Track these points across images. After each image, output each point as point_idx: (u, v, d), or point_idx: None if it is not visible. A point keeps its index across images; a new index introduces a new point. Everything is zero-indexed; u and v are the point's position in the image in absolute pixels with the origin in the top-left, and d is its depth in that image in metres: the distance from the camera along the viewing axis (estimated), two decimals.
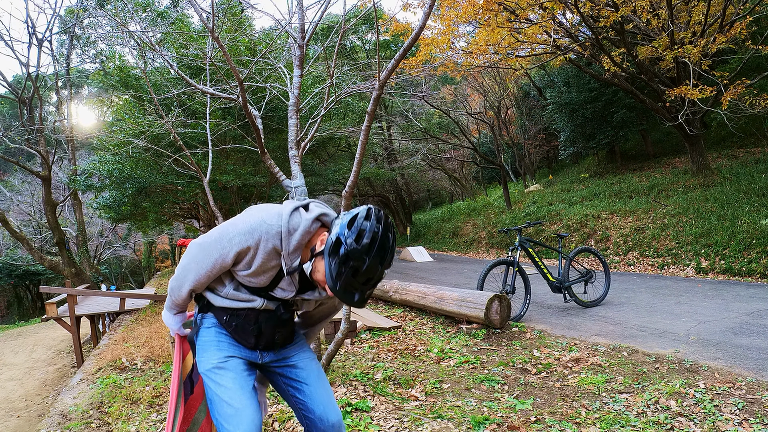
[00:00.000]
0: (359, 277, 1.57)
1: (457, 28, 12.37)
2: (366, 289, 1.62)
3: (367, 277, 1.58)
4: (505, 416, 3.43)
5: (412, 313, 7.10)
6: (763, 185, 9.45)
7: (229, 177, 9.39)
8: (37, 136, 15.93)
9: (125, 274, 33.07)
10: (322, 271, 1.66)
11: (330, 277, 1.57)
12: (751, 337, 4.52)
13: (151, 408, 4.31)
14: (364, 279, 1.58)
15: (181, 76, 4.67)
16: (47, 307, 9.81)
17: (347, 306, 4.25)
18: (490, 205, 19.51)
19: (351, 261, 1.54)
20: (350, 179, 3.68)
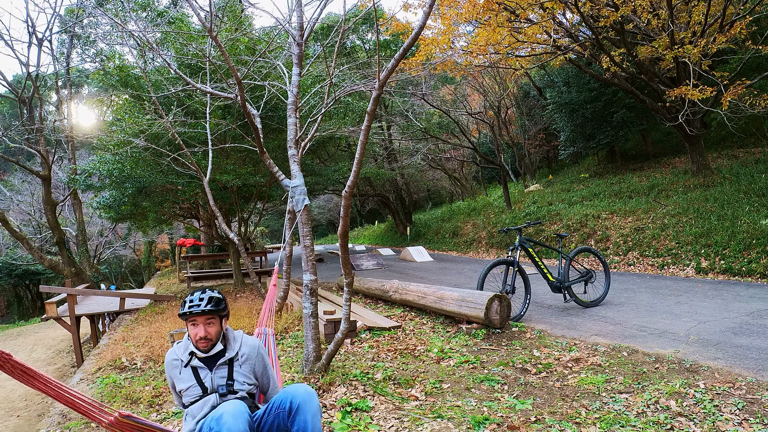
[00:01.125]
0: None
1: (457, 27, 12.38)
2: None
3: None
4: (505, 416, 3.42)
5: (412, 313, 7.10)
6: (763, 185, 9.44)
7: (228, 177, 9.37)
8: (37, 136, 15.92)
9: (125, 274, 33.06)
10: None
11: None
12: (751, 337, 4.52)
13: (151, 408, 4.30)
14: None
15: (180, 76, 4.66)
16: (47, 307, 9.81)
17: (346, 305, 4.25)
18: (490, 205, 19.51)
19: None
20: (350, 179, 3.68)
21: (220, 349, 2.50)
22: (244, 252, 7.63)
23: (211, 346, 2.48)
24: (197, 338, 2.45)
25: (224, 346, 2.53)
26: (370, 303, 8.32)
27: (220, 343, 2.51)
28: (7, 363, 1.65)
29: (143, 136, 8.11)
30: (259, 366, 2.61)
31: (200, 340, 2.45)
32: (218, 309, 2.48)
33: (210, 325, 2.47)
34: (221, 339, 2.53)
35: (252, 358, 2.57)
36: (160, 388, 4.77)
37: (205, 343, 2.46)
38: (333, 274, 13.18)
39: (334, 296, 8.65)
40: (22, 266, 24.57)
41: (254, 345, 2.62)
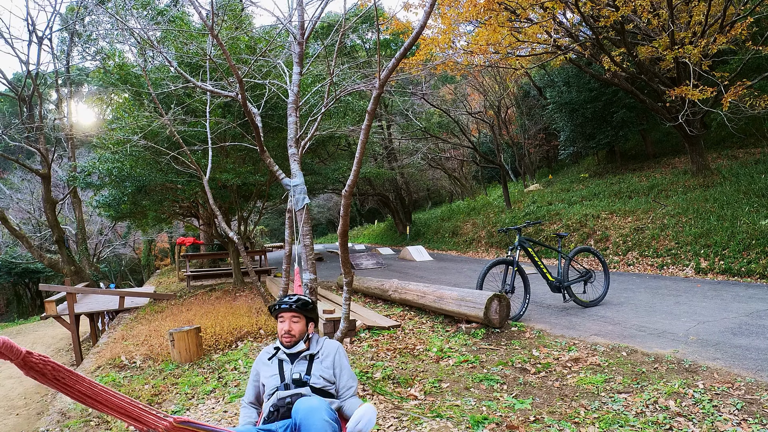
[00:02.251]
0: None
1: (457, 27, 12.36)
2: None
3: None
4: (504, 415, 3.43)
5: (412, 313, 7.10)
6: (762, 186, 9.45)
7: (228, 175, 9.36)
8: (37, 134, 15.91)
9: (124, 273, 33.04)
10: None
11: None
12: (750, 338, 4.52)
13: (151, 406, 4.30)
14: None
15: (180, 74, 4.66)
16: (47, 305, 9.82)
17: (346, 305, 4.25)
18: (490, 205, 19.51)
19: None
20: (350, 178, 3.68)
21: (303, 347, 2.69)
22: (243, 251, 7.63)
23: (294, 343, 2.67)
24: (282, 332, 2.67)
25: (307, 347, 2.72)
26: (369, 302, 8.32)
27: (303, 343, 2.71)
28: (47, 366, 1.37)
29: (143, 135, 8.11)
30: (338, 364, 2.71)
31: (285, 334, 2.66)
32: (304, 309, 2.71)
33: (295, 322, 2.69)
34: (305, 340, 2.73)
35: (331, 355, 2.71)
36: (160, 386, 4.78)
37: (288, 337, 2.66)
38: (332, 273, 13.19)
39: (333, 295, 8.65)
40: (21, 264, 24.57)
41: (335, 345, 2.79)
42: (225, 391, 4.48)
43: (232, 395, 4.31)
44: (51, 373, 1.39)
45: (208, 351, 6.01)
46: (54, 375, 1.40)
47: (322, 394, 2.51)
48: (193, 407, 4.17)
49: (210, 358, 5.71)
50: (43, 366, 1.37)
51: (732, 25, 9.27)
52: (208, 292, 11.20)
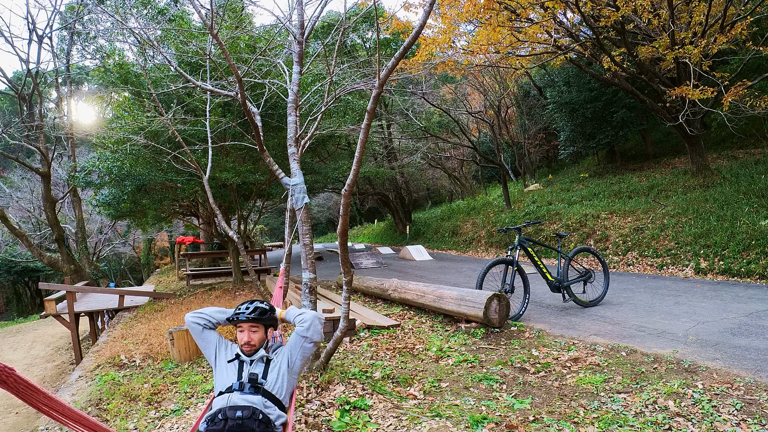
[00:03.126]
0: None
1: (457, 27, 12.35)
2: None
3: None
4: (504, 415, 3.43)
5: (411, 312, 7.10)
6: (762, 186, 9.45)
7: (228, 175, 9.36)
8: (37, 133, 15.90)
9: (124, 271, 33.03)
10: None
11: None
12: (750, 338, 4.52)
13: (150, 405, 4.30)
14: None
15: (180, 73, 4.66)
16: (46, 304, 9.81)
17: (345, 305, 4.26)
18: (490, 205, 19.50)
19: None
20: (350, 178, 3.68)
21: (263, 353, 2.77)
22: (243, 250, 7.62)
23: (254, 351, 2.76)
24: (242, 342, 2.77)
25: (267, 352, 2.82)
26: (369, 302, 8.33)
27: (263, 349, 2.80)
28: (10, 378, 1.53)
29: (143, 134, 8.11)
30: (286, 346, 2.85)
31: (245, 344, 2.75)
32: (262, 318, 2.78)
33: (254, 332, 2.78)
34: (264, 347, 2.83)
35: (284, 347, 2.86)
36: (159, 385, 4.78)
37: (248, 347, 2.75)
38: (332, 273, 13.19)
39: (333, 295, 8.65)
40: (21, 263, 24.56)
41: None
42: None
43: None
44: (13, 384, 1.54)
45: None
46: (15, 386, 1.54)
47: (273, 400, 2.59)
48: (193, 406, 4.18)
49: None
50: (6, 377, 1.52)
51: (732, 25, 9.27)
52: (208, 291, 11.20)
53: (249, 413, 2.43)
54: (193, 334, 2.90)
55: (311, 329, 2.83)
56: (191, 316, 2.89)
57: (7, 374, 1.51)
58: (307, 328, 2.83)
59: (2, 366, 1.49)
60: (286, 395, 2.71)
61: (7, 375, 1.51)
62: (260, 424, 2.44)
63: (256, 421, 2.44)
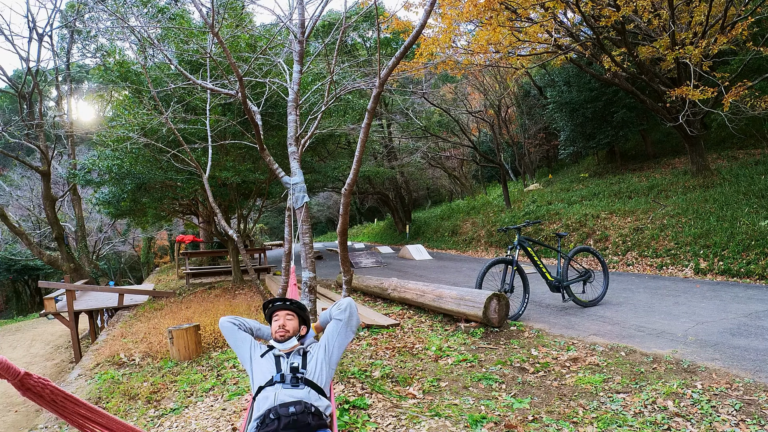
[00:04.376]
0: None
1: (458, 27, 12.35)
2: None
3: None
4: (503, 415, 3.43)
5: (411, 311, 7.10)
6: (762, 187, 9.45)
7: (228, 173, 9.36)
8: (37, 131, 15.89)
9: (124, 270, 33.03)
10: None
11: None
12: (749, 339, 4.53)
13: (149, 404, 4.31)
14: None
15: (181, 72, 4.66)
16: (46, 302, 9.82)
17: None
18: (490, 204, 19.50)
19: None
20: (350, 177, 3.68)
21: (296, 344, 2.76)
22: (243, 249, 7.63)
23: (287, 338, 2.75)
24: (276, 327, 2.76)
25: (300, 344, 2.80)
26: (368, 301, 8.33)
27: (296, 340, 2.78)
28: (46, 389, 1.34)
29: (143, 132, 8.11)
30: (323, 339, 2.80)
31: (279, 329, 2.75)
32: (298, 308, 2.83)
33: (289, 320, 2.80)
34: (298, 338, 2.81)
35: (319, 343, 2.81)
36: (158, 384, 4.78)
37: (282, 332, 2.74)
38: (332, 272, 13.19)
39: (332, 294, 8.66)
40: (21, 262, 24.55)
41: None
42: (224, 389, 4.48)
43: (231, 393, 4.31)
44: (49, 396, 1.36)
45: (207, 349, 6.02)
46: (52, 398, 1.37)
47: (316, 389, 2.54)
48: (192, 405, 4.18)
49: (209, 356, 5.71)
50: (41, 389, 1.35)
51: (733, 25, 9.26)
52: (208, 290, 11.21)
53: (302, 408, 2.39)
54: (228, 334, 2.85)
55: (348, 311, 2.79)
56: (226, 318, 2.88)
57: (42, 386, 1.34)
58: (344, 309, 2.79)
59: (37, 378, 1.32)
60: (326, 384, 2.66)
61: (42, 387, 1.34)
62: (314, 417, 2.41)
63: (310, 415, 2.40)
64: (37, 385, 1.33)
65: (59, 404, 1.38)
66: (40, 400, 1.35)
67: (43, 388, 1.34)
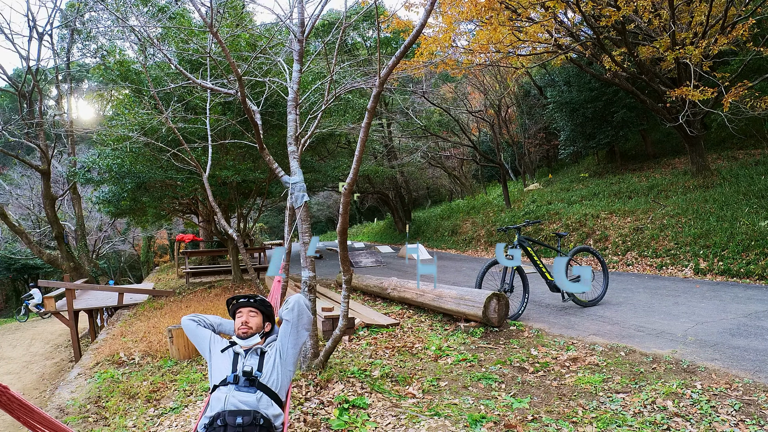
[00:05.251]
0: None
1: (458, 26, 12.34)
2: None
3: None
4: (502, 414, 3.43)
5: (410, 311, 7.11)
6: (762, 187, 9.45)
7: (228, 172, 9.36)
8: (37, 130, 15.88)
9: (124, 269, 33.03)
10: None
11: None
12: (749, 339, 4.53)
13: (149, 403, 4.31)
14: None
15: (180, 71, 4.66)
16: (46, 301, 9.81)
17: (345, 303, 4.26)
18: (490, 204, 19.50)
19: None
20: (350, 176, 3.67)
21: (258, 341, 2.76)
22: (242, 248, 7.62)
23: (250, 334, 2.74)
24: (239, 324, 2.76)
25: (262, 342, 2.79)
26: (368, 300, 8.33)
27: (259, 337, 2.78)
28: (3, 396, 1.45)
29: (143, 131, 8.10)
30: (278, 338, 2.77)
31: (241, 325, 2.74)
32: (261, 305, 2.82)
33: (252, 316, 2.79)
34: (261, 336, 2.80)
35: (276, 341, 2.79)
36: (158, 383, 4.78)
37: (245, 328, 2.74)
38: (331, 271, 13.19)
39: (332, 293, 8.66)
40: (20, 260, 24.55)
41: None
42: None
43: None
44: (6, 402, 1.47)
45: None
46: (7, 403, 1.48)
47: (269, 394, 2.53)
48: (192, 404, 4.18)
49: None
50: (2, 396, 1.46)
51: (733, 26, 9.26)
52: (207, 289, 11.21)
53: (250, 419, 2.35)
54: (188, 333, 2.85)
55: (296, 310, 2.70)
56: (187, 316, 2.89)
57: (1, 392, 1.44)
58: (291, 308, 2.71)
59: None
60: (282, 389, 2.61)
61: (0, 393, 1.44)
62: (261, 429, 2.37)
63: (257, 427, 2.35)
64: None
65: (14, 411, 1.51)
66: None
67: (1, 395, 1.47)
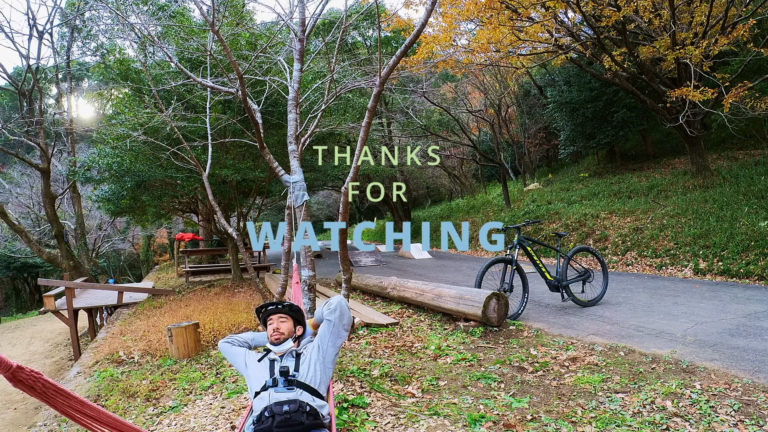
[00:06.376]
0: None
1: (458, 25, 12.34)
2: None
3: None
4: (502, 414, 3.43)
5: (410, 310, 7.11)
6: (762, 187, 9.45)
7: (228, 171, 9.36)
8: (37, 129, 15.87)
9: (123, 268, 33.02)
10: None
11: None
12: (748, 339, 4.53)
13: (148, 402, 4.31)
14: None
15: (181, 70, 4.66)
16: (45, 300, 9.81)
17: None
18: (489, 203, 19.51)
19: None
20: (350, 175, 3.67)
21: (291, 345, 2.80)
22: (242, 247, 7.62)
23: (282, 340, 2.79)
24: (271, 331, 2.81)
25: (296, 346, 2.83)
26: (368, 299, 8.33)
27: (292, 341, 2.83)
28: (38, 382, 1.39)
29: (142, 130, 8.10)
30: (317, 339, 2.81)
31: (273, 332, 2.80)
32: (290, 310, 2.88)
33: (283, 322, 2.84)
34: (294, 340, 2.85)
35: (312, 342, 2.83)
36: (157, 382, 4.78)
37: (277, 335, 2.79)
38: (331, 270, 13.19)
39: (332, 292, 8.66)
40: (20, 259, 24.54)
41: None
42: (223, 387, 4.49)
43: (230, 391, 4.32)
44: (41, 389, 1.43)
45: (206, 347, 6.02)
46: (44, 390, 1.43)
47: (309, 390, 2.55)
48: (191, 403, 4.18)
49: (208, 354, 5.71)
50: (33, 382, 1.40)
51: (733, 26, 9.25)
52: (207, 288, 11.21)
53: (296, 406, 2.39)
54: (225, 354, 2.93)
55: (338, 310, 2.79)
56: (222, 340, 2.97)
57: (35, 379, 1.39)
58: (334, 309, 2.79)
59: (29, 371, 1.37)
60: (322, 384, 2.65)
61: (34, 380, 1.39)
62: (308, 416, 2.41)
63: (304, 414, 2.40)
64: (29, 378, 1.39)
65: (51, 398, 1.46)
66: (32, 392, 1.41)
67: (35, 382, 1.40)
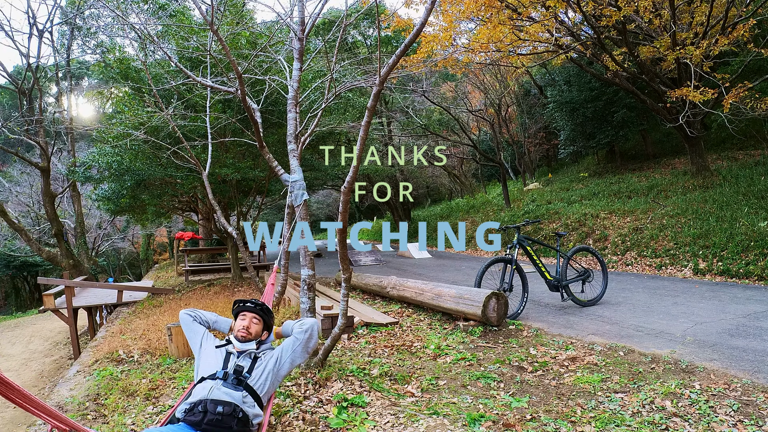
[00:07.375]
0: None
1: (458, 25, 12.34)
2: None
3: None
4: (501, 414, 3.43)
5: (410, 310, 7.11)
6: (762, 188, 9.45)
7: (228, 170, 9.35)
8: (37, 127, 15.86)
9: (123, 267, 33.02)
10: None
11: None
12: (747, 339, 4.53)
13: (148, 401, 4.31)
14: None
15: (181, 69, 4.65)
16: (45, 299, 9.81)
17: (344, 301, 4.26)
18: (489, 203, 19.51)
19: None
20: (349, 174, 3.67)
21: (252, 347, 2.83)
22: (242, 246, 7.63)
23: (247, 340, 2.83)
24: (240, 327, 2.84)
25: (256, 348, 2.86)
26: (367, 299, 8.33)
27: (255, 344, 2.86)
28: None
29: (143, 129, 8.09)
30: (278, 349, 2.88)
31: (242, 329, 2.83)
32: (266, 314, 2.92)
33: (255, 323, 2.88)
34: (257, 343, 2.89)
35: (273, 350, 2.90)
36: (157, 381, 4.78)
37: (245, 333, 2.82)
38: (331, 270, 13.19)
39: (331, 291, 8.66)
40: (20, 258, 24.54)
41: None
42: None
43: None
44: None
45: None
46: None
47: (254, 396, 2.59)
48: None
49: None
50: None
51: (734, 26, 9.25)
52: (207, 287, 11.20)
53: (230, 410, 2.40)
54: (183, 326, 2.95)
55: (309, 332, 2.85)
56: (185, 310, 2.98)
57: None
58: (306, 330, 2.85)
59: None
60: (266, 395, 2.69)
61: None
62: (239, 422, 2.42)
63: (236, 419, 2.41)
64: None
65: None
66: None
67: None
